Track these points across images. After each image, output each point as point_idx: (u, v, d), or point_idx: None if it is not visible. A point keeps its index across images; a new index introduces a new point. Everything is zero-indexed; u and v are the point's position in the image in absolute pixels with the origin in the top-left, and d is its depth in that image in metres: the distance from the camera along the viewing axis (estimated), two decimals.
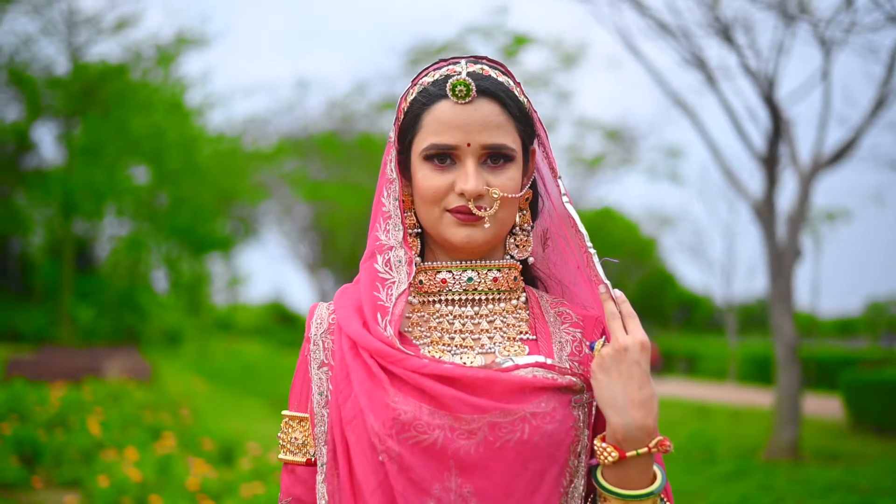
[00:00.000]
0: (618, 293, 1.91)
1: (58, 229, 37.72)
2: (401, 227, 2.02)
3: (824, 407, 19.46)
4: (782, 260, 12.58)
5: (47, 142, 59.92)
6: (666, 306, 52.61)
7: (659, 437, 1.82)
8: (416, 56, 21.47)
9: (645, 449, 1.81)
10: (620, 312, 1.88)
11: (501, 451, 1.81)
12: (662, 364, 30.84)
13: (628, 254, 46.05)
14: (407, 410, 1.81)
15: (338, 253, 42.20)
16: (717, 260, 33.76)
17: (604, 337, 1.96)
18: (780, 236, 12.80)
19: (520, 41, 19.37)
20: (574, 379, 1.91)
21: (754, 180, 15.53)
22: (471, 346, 1.97)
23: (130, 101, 34.50)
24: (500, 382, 1.83)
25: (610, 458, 1.82)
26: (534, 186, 2.13)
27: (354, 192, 32.46)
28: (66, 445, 10.26)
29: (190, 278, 42.63)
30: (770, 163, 12.99)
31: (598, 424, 1.98)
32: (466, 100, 1.92)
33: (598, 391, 1.84)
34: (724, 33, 12.74)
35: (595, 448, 1.86)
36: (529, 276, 2.17)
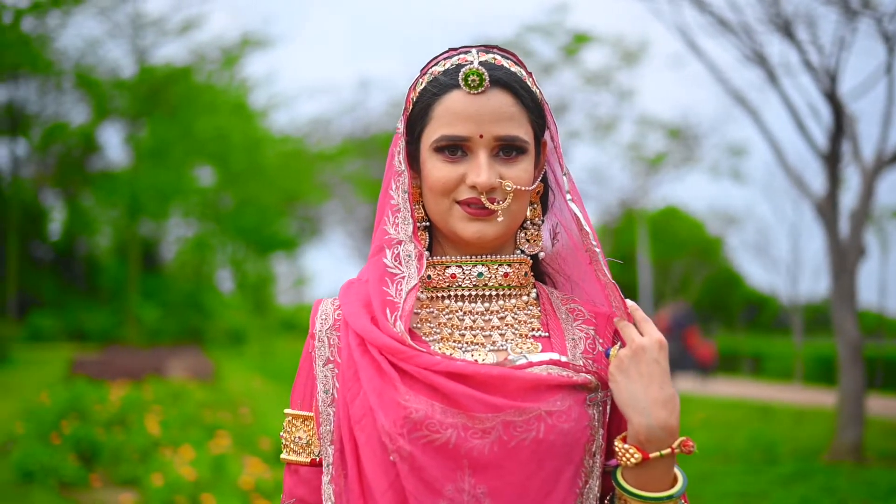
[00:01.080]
0: (630, 303, 1.89)
1: (124, 230, 38.13)
2: (410, 221, 1.96)
3: (891, 408, 19.16)
4: (845, 258, 12.37)
5: (113, 144, 60.75)
6: (732, 306, 52.16)
7: (681, 438, 1.79)
8: None
9: (668, 450, 1.77)
10: (635, 319, 1.86)
11: (516, 450, 1.77)
12: (719, 364, 30.51)
13: (694, 253, 45.71)
14: (419, 409, 1.76)
15: None
16: (783, 259, 33.24)
17: (619, 343, 1.91)
18: (842, 234, 12.59)
19: (580, 39, 19.24)
20: (589, 377, 1.87)
21: (817, 178, 15.31)
22: (482, 343, 1.92)
23: (195, 102, 34.82)
24: (514, 380, 1.79)
25: (633, 460, 1.78)
26: (544, 180, 2.07)
27: None
28: (125, 444, 10.34)
29: (255, 279, 42.85)
30: (832, 160, 12.78)
31: (612, 424, 1.94)
32: (479, 90, 1.87)
33: (617, 394, 1.81)
34: (786, 29, 12.56)
35: (616, 449, 1.82)
36: (538, 271, 2.11)
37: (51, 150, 38.35)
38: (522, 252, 2.02)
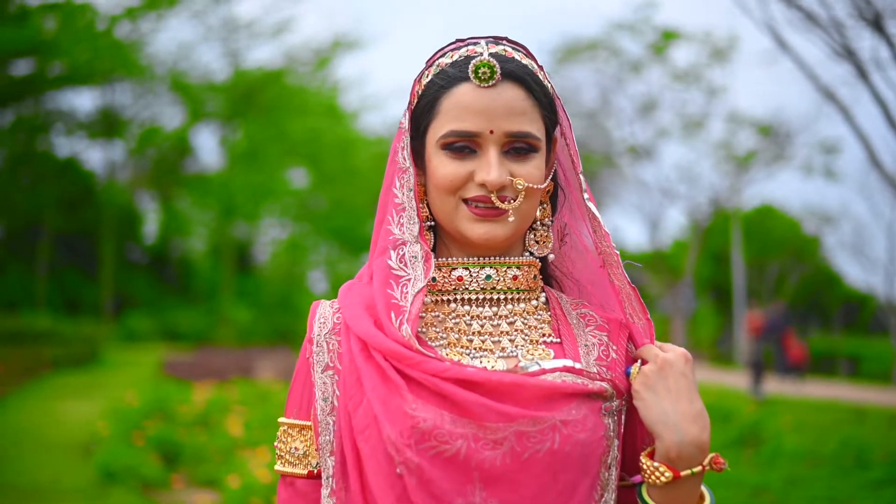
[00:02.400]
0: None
1: (218, 232, 38.57)
2: (416, 221, 1.86)
3: None
4: None
5: (207, 146, 61.59)
6: (829, 306, 51.32)
7: (711, 455, 1.71)
8: (562, 54, 21.25)
9: (699, 467, 1.70)
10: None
11: (530, 462, 1.67)
12: (815, 365, 30.02)
13: (789, 253, 45.05)
14: (427, 418, 1.66)
15: None
16: (880, 258, 32.58)
17: (639, 361, 1.82)
18: None
19: (668, 36, 18.99)
20: (604, 385, 1.77)
21: None
22: (490, 350, 1.83)
23: (288, 105, 35.11)
24: (528, 388, 1.69)
25: (663, 479, 1.70)
26: (554, 178, 1.98)
27: None
28: (206, 445, 10.40)
29: (348, 279, 43.10)
30: None
31: (627, 434, 1.86)
32: (490, 83, 1.78)
33: (645, 411, 1.73)
34: (876, 23, 12.25)
35: (643, 467, 1.74)
36: (544, 274, 2.01)
37: (146, 154, 38.94)
38: (531, 254, 1.94)
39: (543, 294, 1.95)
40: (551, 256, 1.97)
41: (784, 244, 44.73)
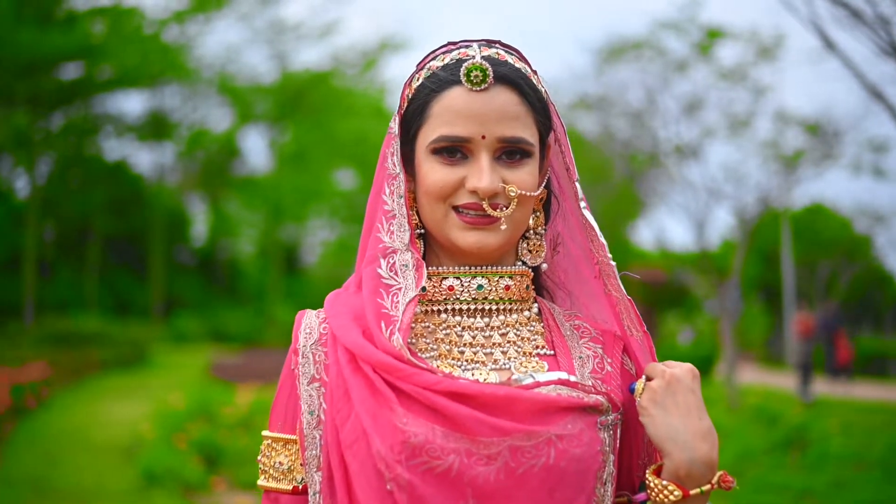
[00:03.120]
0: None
1: (266, 234, 38.74)
2: (407, 228, 1.80)
3: None
4: None
5: (255, 148, 61.89)
6: (881, 307, 50.73)
7: (719, 473, 1.66)
8: (607, 54, 21.14)
9: (708, 486, 1.65)
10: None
11: (524, 478, 1.62)
12: (866, 367, 29.68)
13: (840, 252, 44.57)
14: (418, 433, 1.60)
15: None
16: None
17: (643, 377, 1.77)
18: None
19: (713, 35, 18.83)
20: (600, 398, 1.72)
21: None
22: (483, 362, 1.78)
23: (335, 106, 35.25)
24: (522, 401, 1.64)
25: (672, 498, 1.66)
26: (548, 186, 1.93)
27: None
28: (248, 448, 10.42)
29: None
30: None
31: (623, 449, 1.82)
32: (482, 86, 1.73)
33: (653, 428, 1.68)
34: None
35: (650, 485, 1.70)
36: (536, 284, 1.95)
37: (194, 156, 39.22)
38: (524, 263, 1.88)
39: (536, 305, 1.90)
40: (544, 266, 1.92)
41: (835, 243, 44.24)
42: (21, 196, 33.98)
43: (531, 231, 1.88)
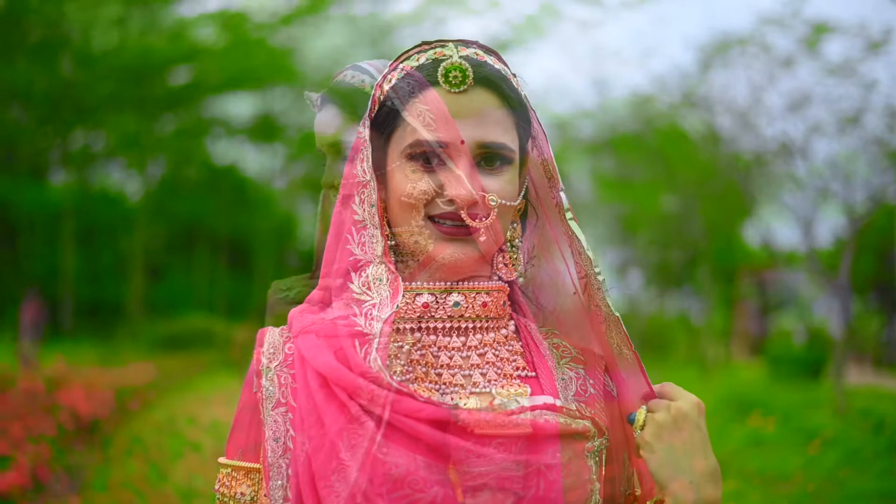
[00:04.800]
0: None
1: None
2: (380, 239, 1.67)
3: None
4: None
5: None
6: None
7: None
8: (711, 52, 20.86)
9: None
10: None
11: None
12: None
13: None
14: (399, 464, 1.49)
15: (644, 253, 41.63)
16: None
17: (643, 407, 1.65)
18: None
19: (820, 30, 18.47)
20: (587, 424, 1.60)
21: None
22: (461, 385, 1.65)
23: None
24: (510, 429, 1.52)
25: None
26: (525, 195, 1.79)
27: (655, 190, 32.06)
28: None
29: None
30: None
31: (605, 477, 1.68)
32: (461, 88, 1.62)
33: (656, 465, 1.58)
34: None
35: None
36: (510, 300, 1.80)
37: (303, 159, 39.53)
38: (500, 278, 1.74)
39: (512, 322, 1.76)
40: (520, 280, 1.78)
41: None
42: (132, 199, 34.60)
43: (508, 243, 1.74)
